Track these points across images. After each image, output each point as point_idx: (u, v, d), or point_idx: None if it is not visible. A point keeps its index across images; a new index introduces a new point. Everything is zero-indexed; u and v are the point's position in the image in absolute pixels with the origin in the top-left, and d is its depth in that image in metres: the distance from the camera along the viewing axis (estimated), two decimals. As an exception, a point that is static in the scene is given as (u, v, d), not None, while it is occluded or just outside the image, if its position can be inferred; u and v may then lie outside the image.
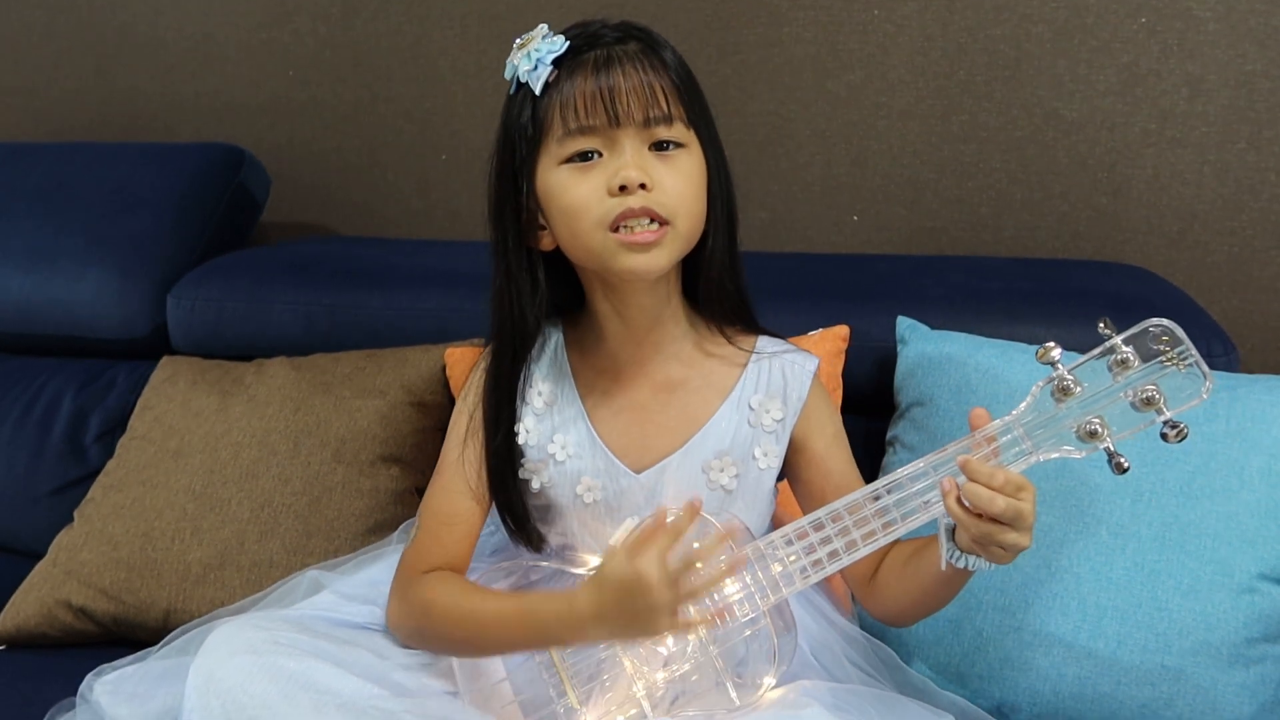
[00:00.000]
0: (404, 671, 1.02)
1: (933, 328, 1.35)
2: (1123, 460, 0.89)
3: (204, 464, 1.40)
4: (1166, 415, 0.89)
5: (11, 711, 1.21)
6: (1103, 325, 0.89)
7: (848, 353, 1.37)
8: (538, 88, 0.98)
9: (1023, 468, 0.91)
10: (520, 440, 1.09)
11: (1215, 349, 1.32)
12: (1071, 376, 0.91)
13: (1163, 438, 0.89)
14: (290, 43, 1.92)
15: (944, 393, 1.27)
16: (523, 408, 1.09)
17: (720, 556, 0.96)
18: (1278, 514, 1.13)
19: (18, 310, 1.70)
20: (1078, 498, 1.16)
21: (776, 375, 1.10)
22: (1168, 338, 0.89)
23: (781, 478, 1.12)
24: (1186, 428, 0.88)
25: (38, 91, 2.07)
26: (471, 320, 1.49)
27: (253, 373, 1.50)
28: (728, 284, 1.07)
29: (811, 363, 1.11)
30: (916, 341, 1.33)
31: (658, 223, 0.97)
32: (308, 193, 1.97)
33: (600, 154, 0.98)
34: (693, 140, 1.01)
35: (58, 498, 1.56)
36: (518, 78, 1.00)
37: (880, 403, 1.38)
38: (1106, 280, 1.48)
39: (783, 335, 1.14)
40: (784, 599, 0.98)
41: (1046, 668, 1.13)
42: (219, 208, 1.77)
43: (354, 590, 1.12)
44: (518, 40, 1.01)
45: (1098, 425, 0.90)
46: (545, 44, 0.98)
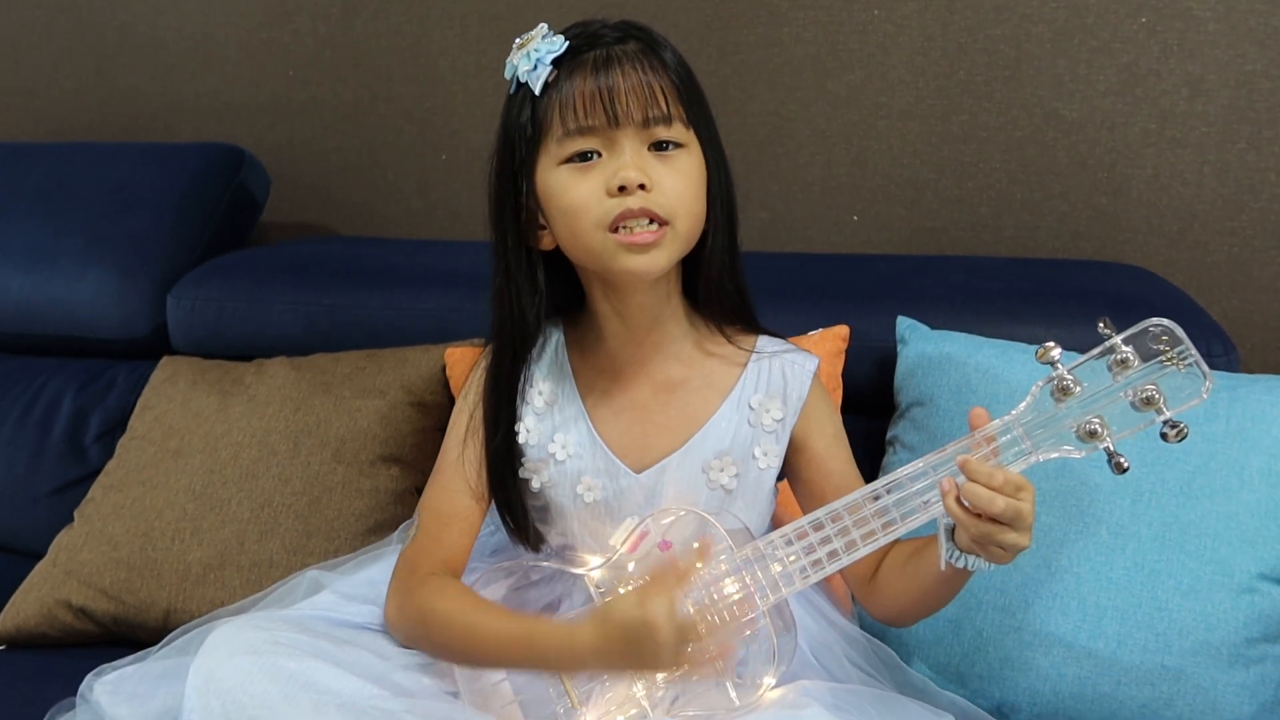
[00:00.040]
0: (404, 671, 1.02)
1: (933, 328, 1.35)
2: (1122, 460, 0.89)
3: (204, 464, 1.40)
4: (1166, 415, 0.89)
5: (11, 711, 1.21)
6: (1102, 325, 0.89)
7: (848, 353, 1.37)
8: (537, 88, 0.98)
9: (1022, 468, 0.91)
10: (520, 440, 1.09)
11: (1215, 349, 1.32)
12: (1071, 376, 0.90)
13: (1162, 437, 0.89)
14: (290, 43, 1.92)
15: (944, 393, 1.27)
16: (523, 407, 1.09)
17: (721, 562, 0.96)
18: (1278, 514, 1.13)
19: (18, 310, 1.70)
20: (1078, 498, 1.16)
21: (776, 375, 1.10)
22: (1167, 337, 0.89)
23: (781, 477, 1.12)
24: (1186, 427, 0.88)
25: (38, 91, 2.07)
26: (471, 320, 1.49)
27: (253, 373, 1.50)
28: (728, 284, 1.07)
29: (811, 362, 1.11)
30: (916, 341, 1.33)
31: (657, 223, 0.97)
32: (308, 193, 1.97)
33: (599, 154, 0.98)
34: (692, 140, 1.01)
35: (58, 498, 1.56)
36: (517, 78, 1.00)
37: (880, 403, 1.38)
38: (1106, 280, 1.48)
39: (783, 335, 1.15)
40: (784, 599, 0.98)
41: (1046, 668, 1.13)
42: (219, 208, 1.77)
43: (354, 590, 1.12)
44: (517, 40, 1.01)
45: (1097, 425, 0.90)
46: (545, 44, 0.98)
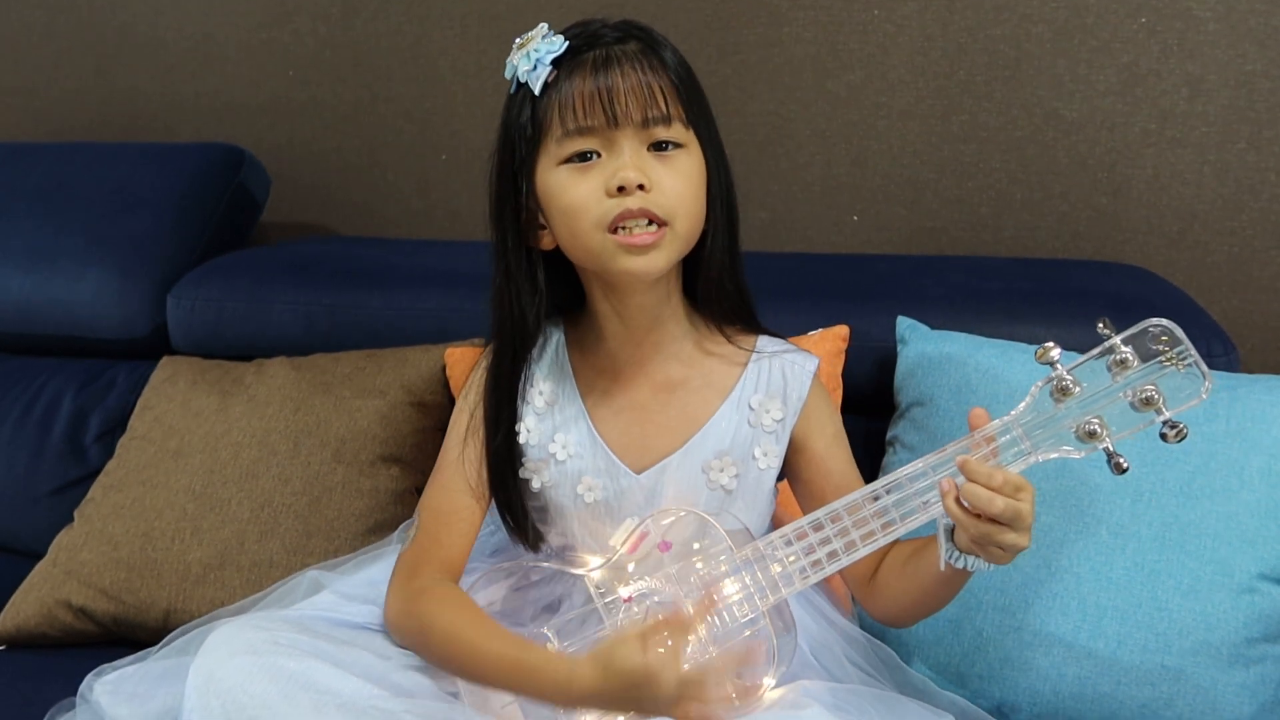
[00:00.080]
0: (404, 671, 1.02)
1: (933, 328, 1.35)
2: (1122, 460, 0.89)
3: (204, 464, 1.40)
4: (1166, 415, 0.89)
5: (11, 711, 1.21)
6: (1102, 325, 0.89)
7: (848, 353, 1.37)
8: (537, 88, 0.98)
9: (1022, 468, 0.91)
10: (521, 440, 1.09)
11: (1215, 349, 1.32)
12: (1071, 377, 0.90)
13: (1162, 438, 0.89)
14: (290, 43, 1.92)
15: (944, 393, 1.27)
16: (524, 407, 1.09)
17: (721, 563, 0.95)
18: (1278, 514, 1.13)
19: (18, 310, 1.70)
20: (1078, 498, 1.16)
21: (776, 375, 1.10)
22: (1167, 338, 0.89)
23: (781, 478, 1.12)
24: (1186, 428, 0.88)
25: (38, 91, 2.07)
26: (471, 320, 1.49)
27: (253, 373, 1.50)
28: (728, 284, 1.07)
29: (812, 363, 1.11)
30: (916, 341, 1.33)
31: (656, 224, 0.97)
32: (308, 193, 1.97)
33: (599, 154, 0.98)
34: (692, 140, 1.01)
35: (58, 498, 1.56)
36: (517, 78, 1.00)
37: (880, 403, 1.38)
38: (1106, 280, 1.48)
39: (783, 335, 1.14)
40: (783, 599, 0.98)
41: (1046, 668, 1.12)
42: (219, 208, 1.77)
43: (354, 590, 1.12)
44: (517, 40, 1.01)
45: (1097, 425, 0.90)
46: (544, 44, 0.98)
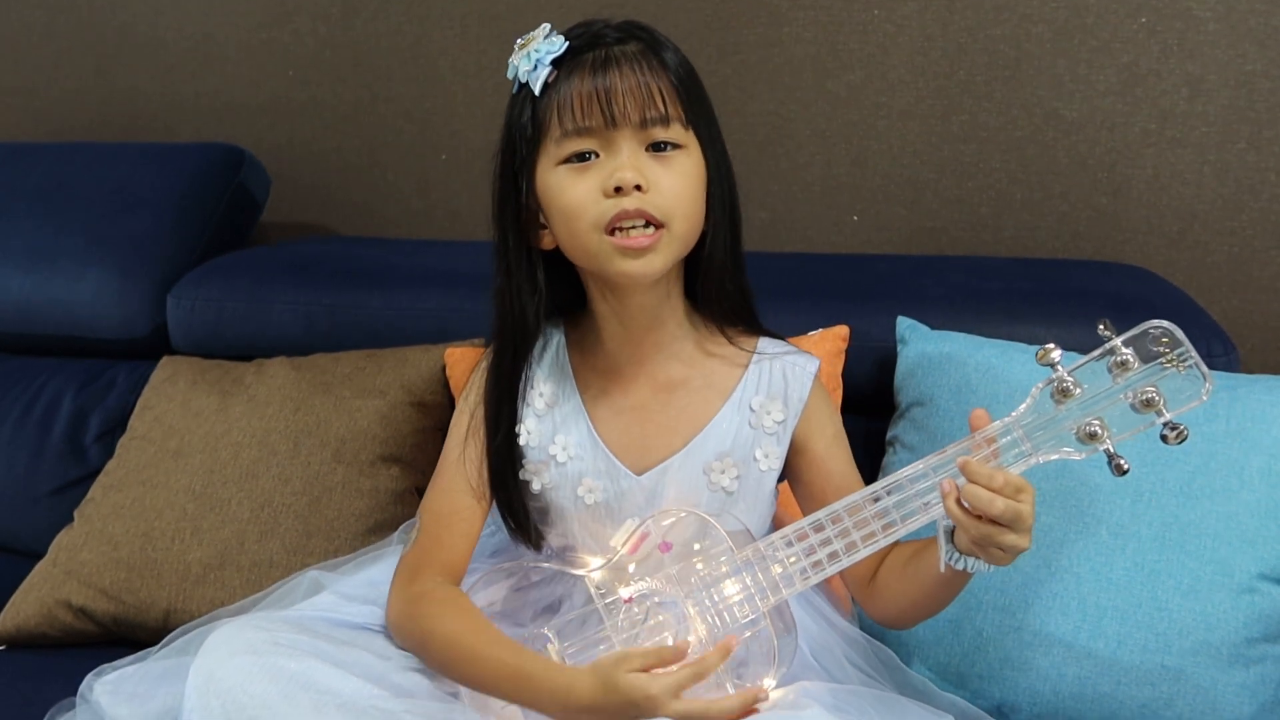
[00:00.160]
0: (404, 672, 1.02)
1: (933, 328, 1.35)
2: (1123, 462, 0.89)
3: (204, 464, 1.40)
4: (1166, 417, 0.89)
5: (11, 711, 1.21)
6: (1102, 327, 0.89)
7: (848, 353, 1.37)
8: (537, 88, 0.98)
9: (1022, 469, 0.91)
10: (521, 441, 1.09)
11: (1215, 349, 1.32)
12: (1071, 378, 0.90)
13: (1163, 439, 0.89)
14: (290, 43, 1.92)
15: (944, 393, 1.27)
16: (524, 408, 1.09)
17: (721, 564, 0.95)
18: (1278, 514, 1.13)
19: (18, 310, 1.70)
20: (1078, 498, 1.16)
21: (778, 376, 1.10)
22: (1167, 339, 0.89)
23: (782, 479, 1.12)
24: (1186, 429, 0.88)
25: (38, 91, 2.07)
26: (471, 320, 1.49)
27: (253, 373, 1.49)
28: (729, 284, 1.07)
29: (813, 364, 1.11)
30: (916, 341, 1.33)
31: (653, 226, 0.97)
32: (308, 193, 1.97)
33: (597, 155, 0.98)
34: (691, 141, 1.00)
35: (58, 498, 1.56)
36: (518, 78, 1.00)
37: (880, 403, 1.38)
38: (1106, 280, 1.48)
39: (783, 336, 1.14)
40: (784, 600, 0.98)
41: (1046, 668, 1.13)
42: (219, 208, 1.76)
43: (354, 591, 1.12)
44: (519, 40, 1.01)
45: (1097, 427, 0.90)
46: (545, 44, 0.98)
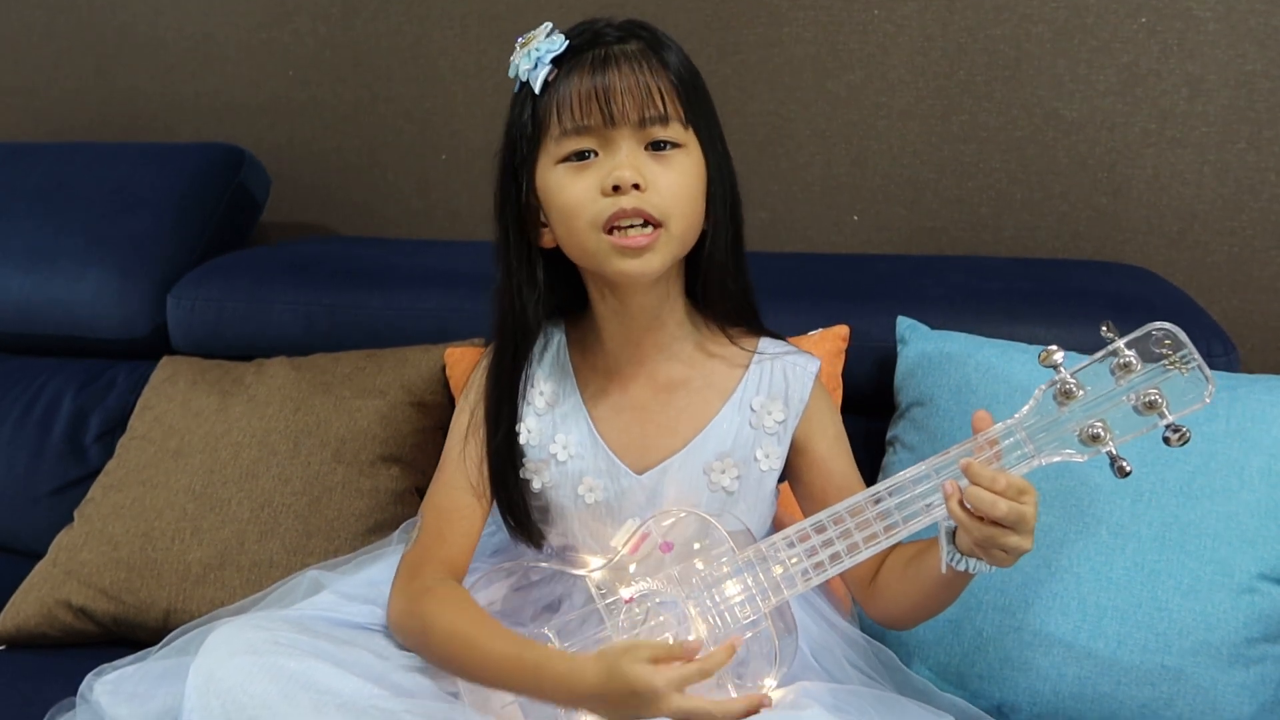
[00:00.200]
0: (404, 672, 1.02)
1: (933, 328, 1.35)
2: (1125, 464, 0.89)
3: (204, 464, 1.40)
4: (1169, 419, 0.89)
5: (11, 711, 1.21)
6: (1105, 328, 0.89)
7: (848, 353, 1.37)
8: (537, 86, 0.98)
9: (1025, 471, 0.91)
10: (522, 440, 1.09)
11: (1215, 349, 1.32)
12: (1074, 380, 0.90)
13: (1165, 441, 0.89)
14: (290, 43, 1.91)
15: (944, 393, 1.27)
16: (524, 407, 1.09)
17: (723, 564, 0.95)
18: (1278, 514, 1.13)
19: (18, 310, 1.70)
20: (1078, 498, 1.16)
21: (778, 377, 1.10)
22: (1170, 341, 0.89)
23: (782, 479, 1.12)
24: (1189, 431, 0.88)
25: (38, 91, 2.07)
26: (471, 320, 1.49)
27: (253, 373, 1.49)
28: (730, 284, 1.07)
29: (813, 364, 1.11)
30: (916, 341, 1.33)
31: (651, 225, 0.97)
32: (308, 193, 1.97)
33: (596, 153, 0.98)
34: (691, 140, 1.00)
35: (58, 498, 1.56)
36: (519, 76, 1.00)
37: (880, 403, 1.38)
38: (1106, 280, 1.48)
39: (784, 336, 1.14)
40: (785, 601, 0.98)
41: (1046, 668, 1.13)
42: (219, 208, 1.76)
43: (354, 590, 1.12)
44: (520, 39, 1.01)
45: (1100, 429, 0.90)
46: (545, 43, 0.98)
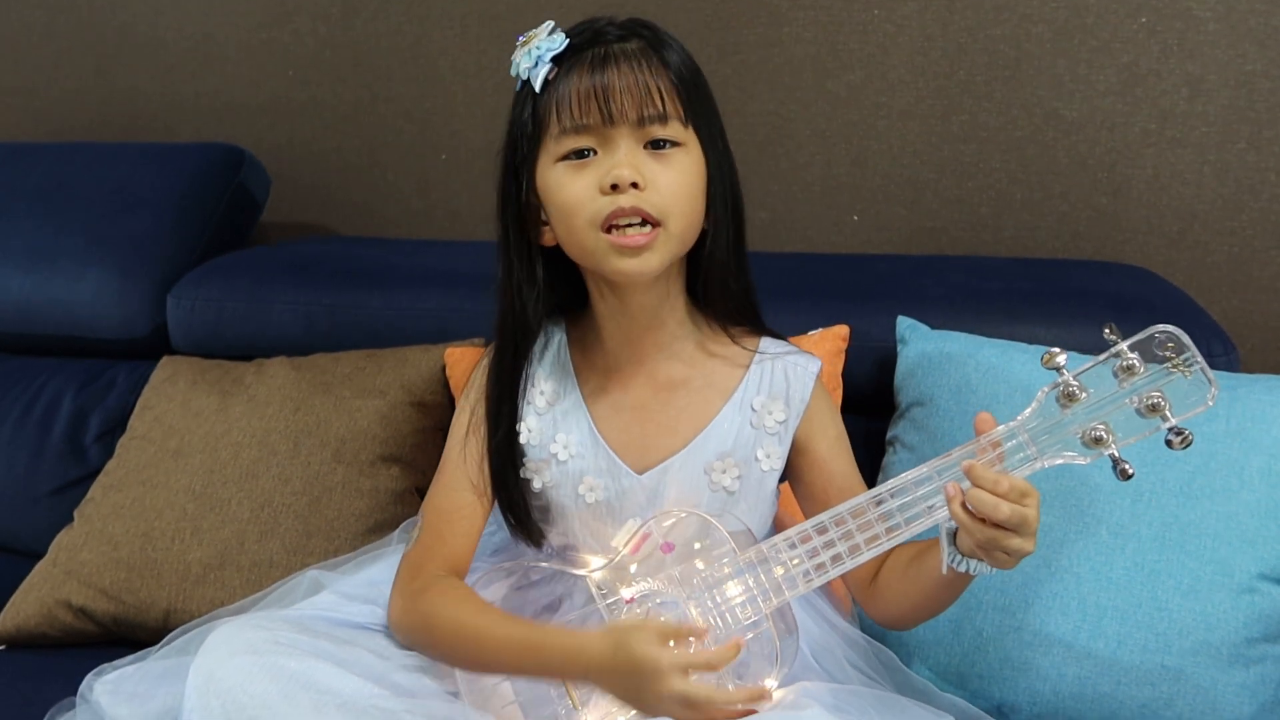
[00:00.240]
0: (404, 672, 1.02)
1: (933, 328, 1.35)
2: (1127, 467, 0.89)
3: (204, 464, 1.40)
4: (1172, 422, 0.88)
5: (11, 711, 1.21)
6: (1108, 331, 0.89)
7: (848, 353, 1.37)
8: (538, 85, 0.98)
9: (1027, 473, 0.91)
10: (522, 439, 1.09)
11: (1215, 349, 1.32)
12: (1077, 382, 0.90)
13: (1168, 444, 0.89)
14: (290, 43, 1.91)
15: (944, 392, 1.27)
16: (525, 407, 1.09)
17: (724, 565, 0.96)
18: (1278, 514, 1.13)
19: (18, 310, 1.70)
20: (1078, 498, 1.16)
21: (779, 377, 1.10)
22: (1173, 344, 0.89)
23: (783, 479, 1.12)
24: (1191, 434, 0.88)
25: (38, 91, 2.07)
26: (471, 320, 1.49)
27: (253, 373, 1.49)
28: (732, 284, 1.07)
29: (814, 365, 1.11)
30: (916, 341, 1.33)
31: (649, 224, 0.97)
32: (308, 193, 1.97)
33: (595, 152, 0.98)
34: (691, 139, 1.00)
35: (58, 498, 1.56)
36: (520, 74, 1.00)
37: (880, 403, 1.38)
38: (1106, 280, 1.48)
39: (785, 336, 1.14)
40: (786, 602, 0.98)
41: (1046, 668, 1.13)
42: (219, 208, 1.76)
43: (354, 590, 1.12)
44: (521, 37, 1.01)
45: (1103, 431, 0.89)
46: (546, 41, 0.98)
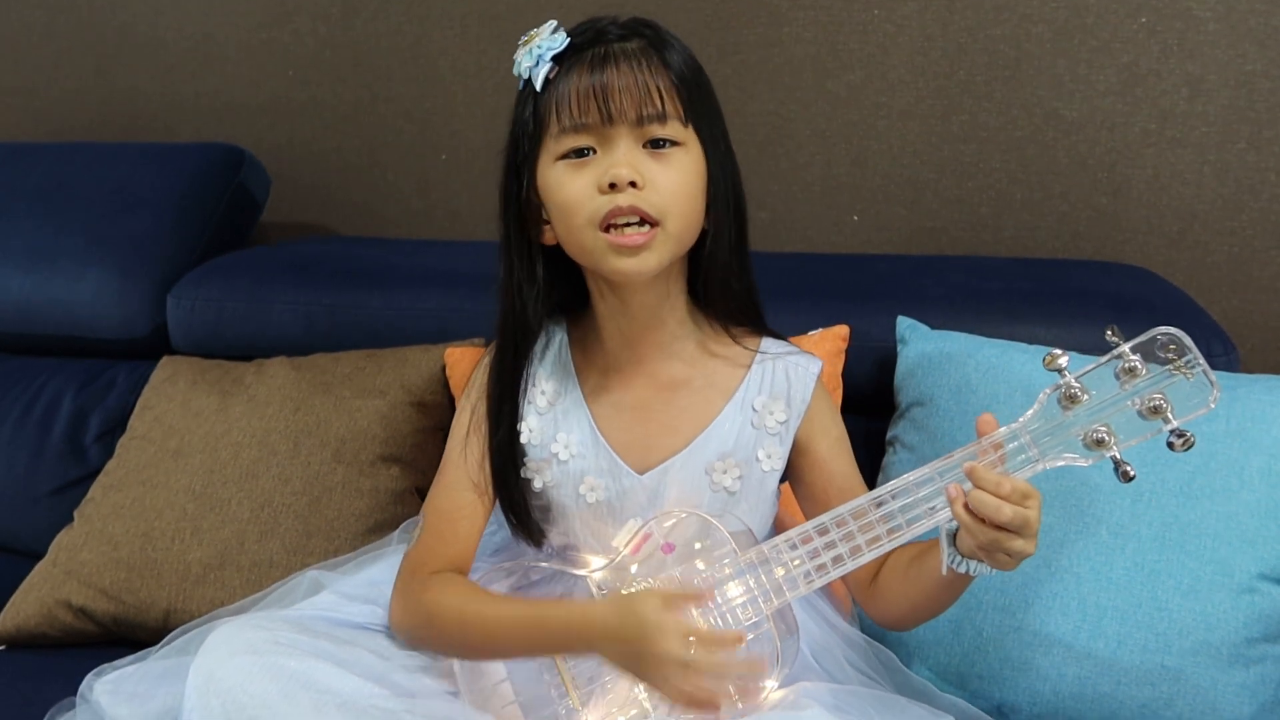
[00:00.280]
0: (404, 672, 1.02)
1: (933, 328, 1.35)
2: (1129, 469, 0.89)
3: (204, 464, 1.40)
4: (1174, 424, 0.88)
5: (11, 711, 1.21)
6: (1110, 333, 0.89)
7: (848, 353, 1.37)
8: (538, 84, 0.98)
9: (1029, 475, 0.91)
10: (523, 439, 1.09)
11: (1215, 349, 1.32)
12: (1079, 384, 0.90)
13: (1169, 446, 0.89)
14: (290, 43, 1.91)
15: (944, 392, 1.27)
16: (526, 406, 1.09)
17: (725, 566, 0.96)
18: (1278, 514, 1.13)
19: (18, 310, 1.70)
20: (1078, 498, 1.16)
21: (780, 377, 1.10)
22: (1175, 346, 0.89)
23: (783, 480, 1.12)
24: (1193, 436, 0.88)
25: (38, 91, 2.07)
26: (471, 320, 1.49)
27: (253, 373, 1.49)
28: (733, 284, 1.07)
29: (815, 365, 1.11)
30: (916, 341, 1.33)
31: (648, 224, 0.97)
32: (308, 193, 1.97)
33: (594, 151, 0.98)
34: (691, 139, 1.00)
35: (58, 498, 1.55)
36: (521, 73, 1.00)
37: (880, 403, 1.38)
38: (1106, 280, 1.48)
39: (786, 337, 1.14)
40: (787, 603, 0.98)
41: (1046, 668, 1.13)
42: (219, 208, 1.76)
43: (354, 590, 1.12)
44: (523, 37, 1.01)
45: (1105, 433, 0.89)
46: (547, 41, 0.98)
